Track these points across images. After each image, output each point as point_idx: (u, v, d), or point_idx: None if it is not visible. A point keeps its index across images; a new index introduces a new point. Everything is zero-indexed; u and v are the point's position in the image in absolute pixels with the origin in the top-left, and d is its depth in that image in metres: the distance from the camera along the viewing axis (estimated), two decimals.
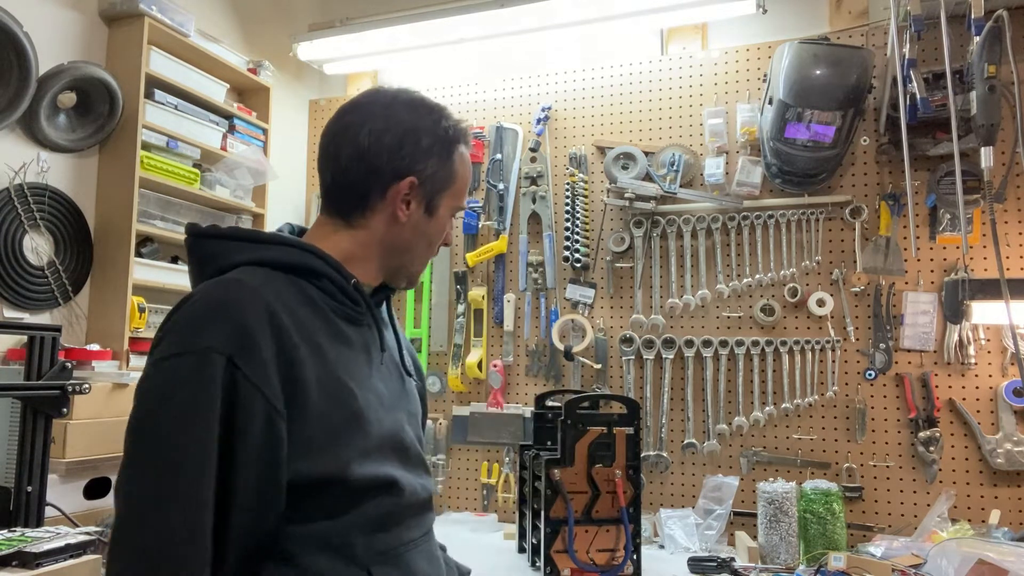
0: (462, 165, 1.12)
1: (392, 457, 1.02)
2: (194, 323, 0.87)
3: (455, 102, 2.77)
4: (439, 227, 1.12)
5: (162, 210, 2.26)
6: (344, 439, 0.94)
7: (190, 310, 0.89)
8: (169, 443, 0.83)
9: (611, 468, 1.71)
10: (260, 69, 2.64)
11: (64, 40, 2.07)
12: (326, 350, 0.95)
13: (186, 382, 0.84)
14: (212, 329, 0.86)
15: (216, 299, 0.89)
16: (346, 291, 1.02)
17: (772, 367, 2.27)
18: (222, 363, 0.84)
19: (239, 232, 1.02)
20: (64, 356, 1.74)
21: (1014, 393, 2.03)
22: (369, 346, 1.05)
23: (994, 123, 1.72)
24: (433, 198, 1.09)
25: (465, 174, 1.14)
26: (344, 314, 1.02)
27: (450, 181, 1.10)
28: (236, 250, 0.98)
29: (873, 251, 2.20)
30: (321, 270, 1.00)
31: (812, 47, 2.07)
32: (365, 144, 1.05)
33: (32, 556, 1.23)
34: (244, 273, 0.94)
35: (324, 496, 0.92)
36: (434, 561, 1.10)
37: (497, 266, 2.62)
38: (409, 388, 1.15)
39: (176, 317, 0.90)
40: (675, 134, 2.47)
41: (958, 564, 1.56)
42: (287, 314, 0.91)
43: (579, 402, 1.84)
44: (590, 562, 1.70)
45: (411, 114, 1.08)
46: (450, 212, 1.13)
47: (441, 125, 1.10)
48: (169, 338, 0.88)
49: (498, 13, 2.41)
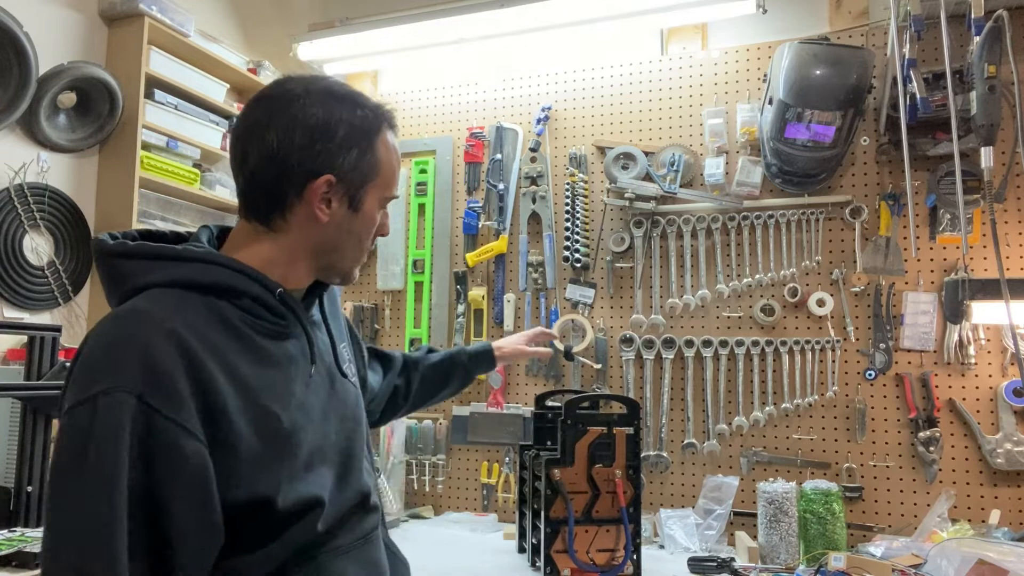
0: (387, 152, 1.04)
1: (322, 471, 0.98)
2: (96, 365, 0.82)
3: (455, 102, 2.77)
4: (367, 221, 1.04)
5: (162, 210, 2.26)
6: (272, 465, 0.90)
7: (90, 351, 0.83)
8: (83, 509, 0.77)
9: (611, 468, 1.71)
10: (260, 69, 2.64)
11: (64, 40, 2.07)
12: (246, 376, 0.89)
13: (93, 433, 0.77)
14: (117, 368, 0.80)
15: (118, 335, 0.83)
16: (269, 306, 0.96)
17: (772, 367, 2.27)
18: (132, 403, 0.78)
19: (149, 249, 0.93)
20: (64, 356, 1.74)
21: (1014, 393, 2.03)
22: (297, 359, 0.99)
23: (994, 123, 1.72)
24: (356, 193, 1.01)
25: (391, 160, 1.05)
26: (267, 331, 0.96)
27: (374, 172, 1.02)
28: (147, 269, 0.91)
29: (873, 251, 2.20)
30: (241, 287, 0.93)
31: (812, 47, 2.07)
32: (274, 144, 0.96)
33: (32, 556, 1.23)
34: (151, 300, 0.88)
35: (252, 525, 0.88)
36: (370, 567, 1.06)
37: (497, 266, 2.62)
38: (341, 389, 1.09)
39: (79, 361, 0.84)
40: (675, 134, 2.47)
41: (958, 564, 1.57)
42: (200, 342, 0.85)
43: (579, 402, 1.84)
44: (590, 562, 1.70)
45: (322, 106, 0.98)
46: (379, 203, 1.05)
47: (357, 114, 1.00)
48: (73, 385, 0.82)
49: (498, 13, 2.41)
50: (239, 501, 0.86)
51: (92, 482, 0.77)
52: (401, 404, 1.53)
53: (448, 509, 2.57)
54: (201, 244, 0.98)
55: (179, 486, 0.80)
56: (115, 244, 0.93)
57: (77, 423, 0.79)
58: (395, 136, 1.07)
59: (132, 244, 0.93)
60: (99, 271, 0.95)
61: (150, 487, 0.79)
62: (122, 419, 0.77)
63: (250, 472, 0.87)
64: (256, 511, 0.88)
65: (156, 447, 0.79)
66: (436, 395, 1.61)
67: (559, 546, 1.73)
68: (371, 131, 1.02)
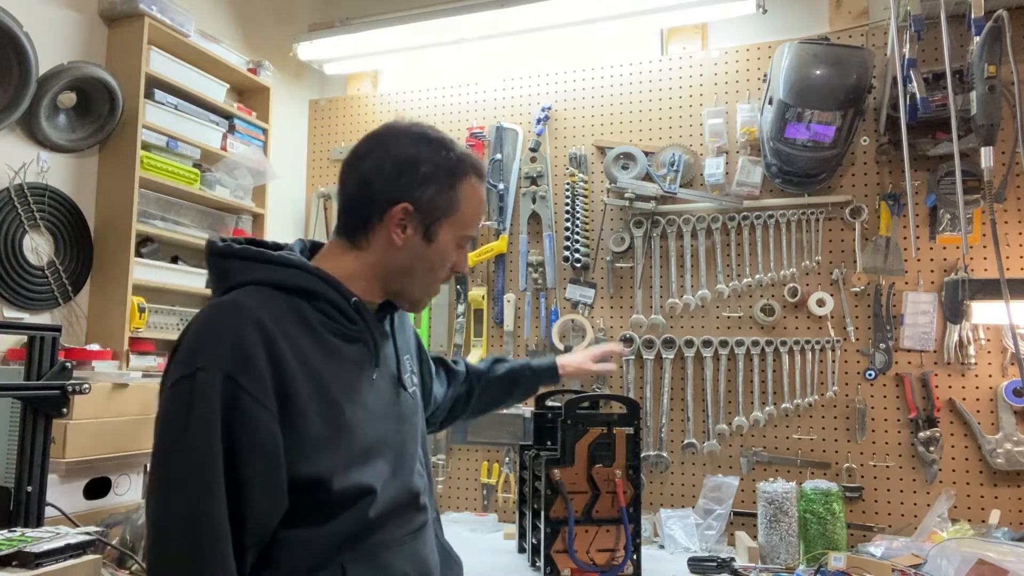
0: (469, 195, 1.16)
1: (377, 465, 1.09)
2: (195, 346, 0.97)
3: (455, 102, 2.77)
4: (439, 253, 1.16)
5: (162, 210, 2.26)
6: (330, 448, 1.02)
7: (192, 335, 0.99)
8: (185, 465, 0.92)
9: (611, 468, 1.71)
10: (260, 69, 2.64)
11: (64, 40, 2.07)
12: (317, 367, 1.03)
13: (191, 403, 0.93)
14: (211, 350, 0.95)
15: (215, 321, 0.99)
16: (343, 310, 1.09)
17: (772, 367, 2.27)
18: (220, 378, 0.93)
19: (249, 253, 1.09)
20: (64, 356, 1.74)
21: (1014, 393, 2.03)
22: (364, 362, 1.12)
23: (994, 123, 1.72)
24: (431, 225, 1.14)
25: (472, 204, 1.17)
26: (339, 332, 1.09)
27: (451, 210, 1.14)
28: (244, 270, 1.07)
29: (873, 251, 2.20)
30: (319, 291, 1.07)
31: (812, 47, 2.07)
32: (367, 172, 1.13)
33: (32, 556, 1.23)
34: (245, 294, 1.03)
35: (309, 502, 1.00)
36: (419, 560, 1.16)
37: (497, 266, 2.62)
38: (403, 398, 1.21)
39: (182, 341, 0.99)
40: (675, 134, 2.47)
41: (958, 564, 1.57)
42: (281, 333, 0.99)
43: (579, 402, 1.84)
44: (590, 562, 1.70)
45: (414, 146, 1.14)
46: (453, 240, 1.17)
47: (443, 155, 1.14)
48: (177, 363, 0.97)
49: (498, 13, 2.41)
50: (300, 476, 0.98)
51: (194, 442, 0.92)
52: (460, 412, 1.64)
53: (448, 509, 2.57)
54: (294, 253, 1.14)
55: (254, 452, 0.94)
56: (223, 246, 1.09)
57: (180, 394, 0.94)
58: (483, 184, 1.20)
59: (237, 247, 1.09)
60: (208, 268, 1.11)
61: (231, 450, 0.93)
62: (214, 391, 0.93)
63: (312, 452, 0.99)
64: (314, 489, 0.99)
65: (238, 417, 0.94)
66: (496, 407, 1.71)
67: (559, 546, 1.73)
68: (453, 173, 1.15)
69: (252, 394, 0.95)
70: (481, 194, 1.20)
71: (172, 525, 0.92)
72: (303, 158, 3.01)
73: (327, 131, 2.99)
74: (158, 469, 0.94)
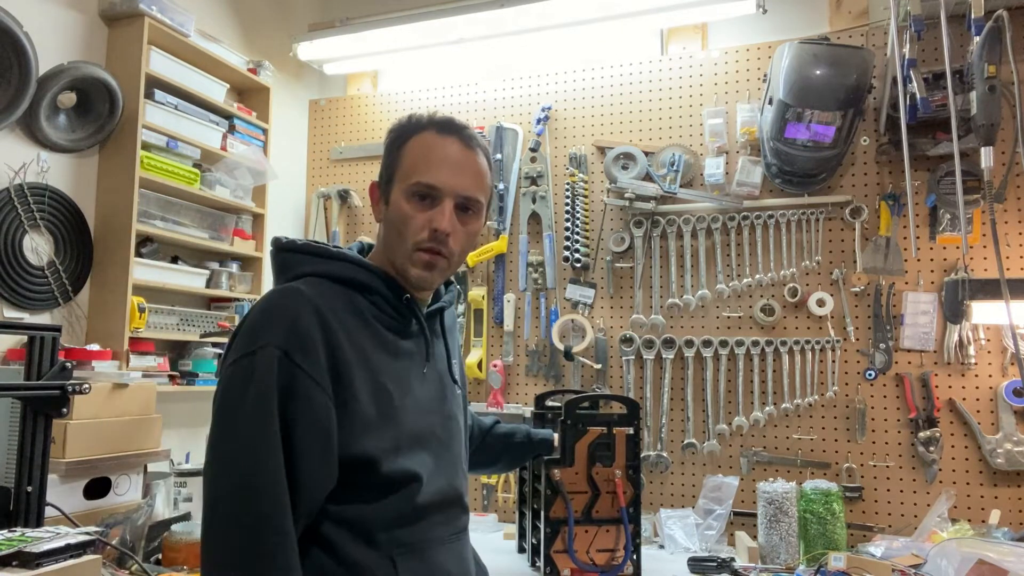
0: (416, 146, 1.16)
1: (424, 455, 1.12)
2: (255, 328, 1.03)
3: (455, 102, 2.77)
4: (395, 212, 1.15)
5: (162, 210, 2.26)
6: (380, 431, 1.06)
7: (252, 318, 1.05)
8: (244, 436, 0.97)
9: (611, 468, 1.70)
10: (260, 69, 2.64)
11: (64, 40, 2.07)
12: (369, 354, 1.08)
13: (251, 379, 0.98)
14: (271, 330, 1.01)
15: (275, 304, 1.05)
16: (395, 305, 1.15)
17: (772, 367, 2.27)
18: (278, 356, 0.99)
19: (310, 247, 1.16)
20: (64, 356, 1.74)
21: (1014, 393, 2.03)
22: (415, 355, 1.17)
23: (994, 123, 1.72)
24: (387, 188, 1.18)
25: (417, 152, 1.16)
26: (390, 325, 1.14)
27: (397, 167, 1.17)
28: (304, 262, 1.14)
29: (873, 251, 2.20)
30: (373, 285, 1.13)
31: (812, 47, 2.07)
32: None
33: (32, 556, 1.23)
34: (305, 283, 1.09)
35: (358, 482, 1.04)
36: (463, 563, 1.18)
37: (497, 266, 2.62)
38: (452, 395, 1.25)
39: (244, 323, 1.06)
40: (675, 134, 2.47)
41: (958, 564, 1.56)
42: (336, 320, 1.05)
43: (579, 402, 1.84)
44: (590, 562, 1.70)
45: (390, 129, 1.22)
46: (403, 193, 1.14)
47: (400, 125, 1.20)
48: (238, 342, 1.03)
49: (498, 13, 2.41)
50: (351, 455, 1.03)
51: (253, 414, 0.97)
52: None
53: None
54: (351, 251, 1.20)
55: (308, 426, 1.00)
56: (287, 242, 1.17)
57: (240, 370, 1.00)
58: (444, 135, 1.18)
59: (300, 243, 1.17)
60: (272, 261, 1.19)
61: (286, 424, 0.98)
62: (272, 368, 0.98)
63: (362, 433, 1.04)
64: (364, 468, 1.05)
65: (294, 393, 0.99)
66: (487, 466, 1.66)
67: (559, 546, 1.73)
68: (403, 136, 1.18)
69: (308, 372, 1.00)
70: (435, 142, 1.16)
71: (232, 494, 0.96)
72: (303, 158, 3.01)
73: (327, 131, 2.99)
74: (218, 443, 0.99)
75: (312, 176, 3.00)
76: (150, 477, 1.99)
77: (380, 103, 2.91)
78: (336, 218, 2.86)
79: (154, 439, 1.96)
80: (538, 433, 1.67)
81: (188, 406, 2.41)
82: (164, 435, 2.04)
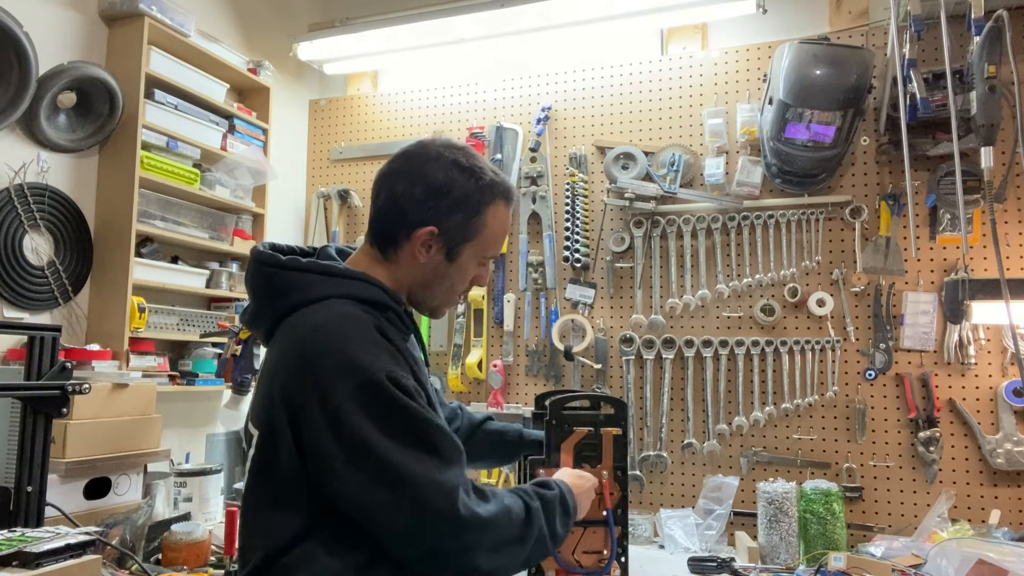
0: (494, 220, 1.25)
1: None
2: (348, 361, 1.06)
3: (455, 102, 2.77)
4: (460, 272, 1.26)
5: (162, 210, 2.26)
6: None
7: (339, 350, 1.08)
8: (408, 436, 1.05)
9: (597, 469, 1.70)
10: (260, 69, 2.64)
11: (64, 40, 2.07)
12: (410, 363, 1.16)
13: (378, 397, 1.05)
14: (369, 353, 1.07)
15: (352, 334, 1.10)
16: (402, 318, 1.21)
17: (772, 367, 2.27)
18: (385, 375, 1.06)
19: (320, 267, 1.19)
20: (64, 356, 1.74)
21: (1014, 393, 2.03)
22: (421, 363, 1.26)
23: (994, 123, 1.72)
24: (455, 247, 1.23)
25: (496, 228, 1.26)
26: (403, 338, 1.22)
27: (474, 234, 1.23)
28: (318, 284, 1.16)
29: (873, 251, 2.20)
30: (387, 303, 1.19)
31: (812, 47, 2.07)
32: (400, 191, 1.21)
33: (32, 556, 1.23)
34: (344, 306, 1.14)
35: None
36: None
37: (497, 266, 2.62)
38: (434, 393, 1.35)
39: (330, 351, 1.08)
40: (675, 134, 2.47)
41: (958, 564, 1.56)
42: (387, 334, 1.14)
43: (564, 402, 1.83)
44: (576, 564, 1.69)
45: (445, 172, 1.21)
46: (475, 260, 1.27)
47: (473, 184, 1.21)
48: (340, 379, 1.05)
49: (498, 13, 2.41)
50: None
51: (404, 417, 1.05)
52: None
53: None
54: (339, 261, 1.25)
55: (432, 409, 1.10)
56: (288, 260, 1.18)
57: (364, 398, 1.04)
58: (509, 207, 1.28)
59: (304, 261, 1.19)
60: (266, 280, 1.19)
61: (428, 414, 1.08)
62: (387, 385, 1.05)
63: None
64: None
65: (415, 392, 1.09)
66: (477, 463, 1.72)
67: None
68: (481, 201, 1.22)
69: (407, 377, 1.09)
70: (506, 217, 1.28)
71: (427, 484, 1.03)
72: (303, 158, 3.01)
73: (327, 131, 2.99)
74: (385, 458, 1.03)
75: (312, 176, 3.00)
76: (150, 477, 1.99)
77: (380, 103, 2.91)
78: (336, 218, 2.86)
79: (154, 439, 1.96)
80: (531, 434, 1.68)
81: (188, 406, 2.41)
82: (164, 435, 2.04)
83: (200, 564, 1.76)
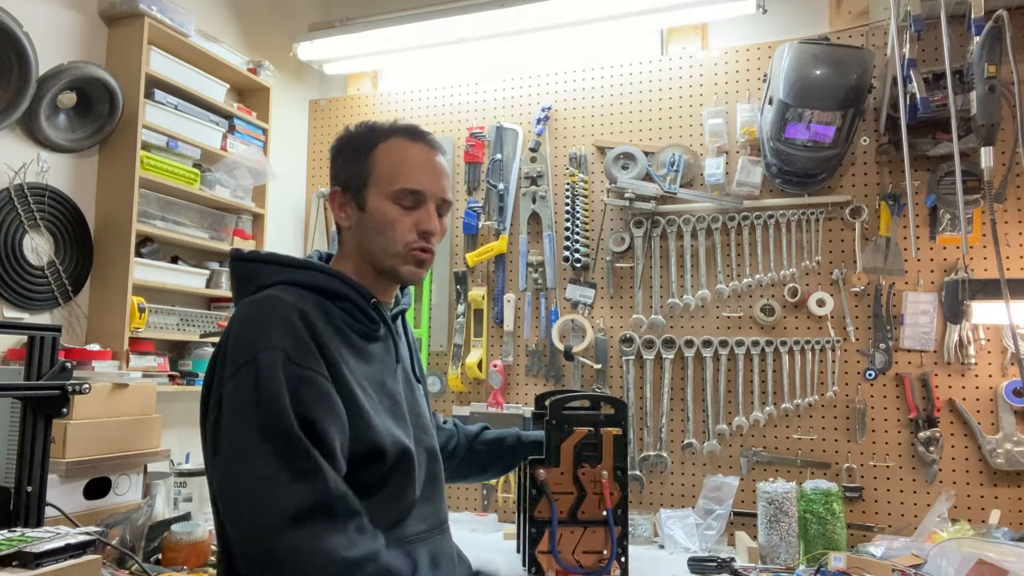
0: (388, 154, 1.21)
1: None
2: (248, 337, 1.05)
3: (455, 102, 2.77)
4: (377, 216, 1.19)
5: (162, 210, 2.26)
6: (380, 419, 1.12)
7: (240, 329, 1.07)
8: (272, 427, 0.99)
9: (597, 469, 1.70)
10: (260, 69, 2.64)
11: (64, 40, 2.07)
12: (347, 359, 1.11)
13: (258, 381, 1.00)
14: (265, 337, 1.04)
15: (260, 314, 1.07)
16: (364, 311, 1.17)
17: (772, 367, 2.27)
18: (282, 357, 1.02)
19: (274, 257, 1.19)
20: (64, 356, 1.74)
21: (1014, 393, 2.03)
22: (386, 358, 1.21)
23: (994, 123, 1.72)
24: (359, 195, 1.21)
25: (394, 161, 1.21)
26: (360, 331, 1.17)
27: (369, 174, 1.21)
28: (271, 272, 1.16)
29: (873, 251, 2.20)
30: (341, 292, 1.16)
31: (812, 47, 2.07)
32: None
33: (32, 556, 1.23)
34: (280, 291, 1.11)
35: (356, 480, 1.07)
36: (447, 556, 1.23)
37: (497, 266, 2.62)
38: (418, 393, 1.30)
39: (235, 333, 1.07)
40: (675, 134, 2.47)
41: (958, 564, 1.56)
42: (320, 324, 1.09)
43: (564, 402, 1.84)
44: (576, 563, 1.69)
45: (341, 139, 1.27)
46: (386, 199, 1.20)
47: (361, 133, 1.24)
48: (235, 354, 1.04)
49: (498, 13, 2.41)
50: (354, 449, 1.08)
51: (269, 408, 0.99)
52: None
53: (449, 509, 2.56)
54: (313, 259, 1.24)
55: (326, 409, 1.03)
56: (249, 252, 1.20)
57: (247, 375, 1.01)
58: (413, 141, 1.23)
59: (263, 253, 1.21)
60: (231, 273, 1.21)
61: (305, 412, 1.01)
62: (277, 366, 1.01)
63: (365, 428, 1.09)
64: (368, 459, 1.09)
65: (303, 384, 1.02)
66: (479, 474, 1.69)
67: (543, 547, 1.72)
68: (369, 142, 1.22)
69: (311, 367, 1.04)
70: (408, 149, 1.22)
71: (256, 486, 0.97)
72: (303, 158, 3.01)
73: (327, 131, 2.99)
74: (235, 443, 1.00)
75: (312, 176, 3.00)
76: (150, 477, 1.99)
77: (380, 103, 2.91)
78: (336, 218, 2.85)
79: (154, 439, 1.96)
80: (529, 435, 1.67)
81: (188, 406, 2.41)
82: (164, 435, 2.04)
83: (200, 564, 1.76)
